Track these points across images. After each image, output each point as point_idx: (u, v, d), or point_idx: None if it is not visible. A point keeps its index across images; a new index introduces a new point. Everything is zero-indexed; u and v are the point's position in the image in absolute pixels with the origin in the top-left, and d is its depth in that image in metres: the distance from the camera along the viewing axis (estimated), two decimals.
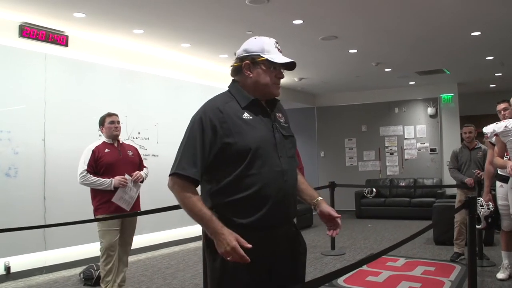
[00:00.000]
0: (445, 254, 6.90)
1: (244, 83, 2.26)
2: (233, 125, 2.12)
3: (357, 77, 11.08)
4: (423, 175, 12.21)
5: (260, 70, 2.22)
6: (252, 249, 2.03)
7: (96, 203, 4.86)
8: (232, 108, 2.17)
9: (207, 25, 6.84)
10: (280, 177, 2.15)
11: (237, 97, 2.22)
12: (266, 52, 2.22)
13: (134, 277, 6.02)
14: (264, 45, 2.25)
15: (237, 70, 2.28)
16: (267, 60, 2.21)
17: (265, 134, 2.17)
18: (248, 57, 2.24)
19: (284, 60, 2.23)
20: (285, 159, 2.21)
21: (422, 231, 3.44)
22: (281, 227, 2.21)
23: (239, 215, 2.10)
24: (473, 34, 7.57)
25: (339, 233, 2.43)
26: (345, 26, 7.10)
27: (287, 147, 2.25)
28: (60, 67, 6.73)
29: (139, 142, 7.49)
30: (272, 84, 2.25)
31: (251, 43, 2.27)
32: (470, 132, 6.63)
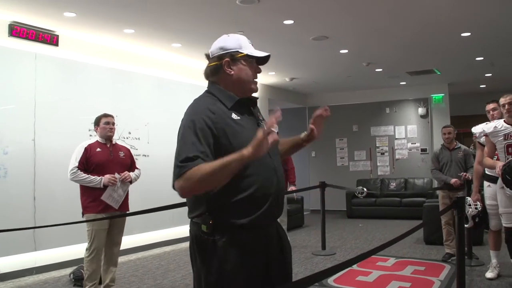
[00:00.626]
0: (435, 253, 6.93)
1: (225, 83, 2.21)
2: (226, 126, 2.07)
3: (348, 77, 11.11)
4: (414, 175, 12.26)
5: (241, 66, 2.20)
6: (250, 248, 2.06)
7: (85, 202, 4.91)
8: (220, 109, 2.12)
9: (197, 25, 6.83)
10: (274, 175, 2.15)
11: (221, 98, 2.17)
12: (244, 48, 2.21)
13: (125, 277, 6.00)
14: (240, 41, 2.23)
15: (216, 69, 2.22)
16: (247, 55, 2.20)
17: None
18: (226, 54, 2.19)
19: (262, 54, 2.24)
20: (274, 156, 2.21)
21: (412, 231, 3.45)
22: (272, 225, 2.22)
23: (238, 215, 2.06)
24: (463, 35, 7.62)
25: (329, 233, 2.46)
26: (336, 26, 7.12)
27: (275, 145, 2.17)
28: (50, 67, 6.70)
29: (129, 142, 7.47)
30: (252, 80, 2.23)
31: (227, 40, 2.24)
32: (450, 133, 6.70)
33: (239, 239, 2.06)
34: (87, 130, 6.87)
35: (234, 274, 2.05)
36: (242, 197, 2.05)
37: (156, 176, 7.85)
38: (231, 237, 2.06)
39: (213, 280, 2.08)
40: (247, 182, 2.06)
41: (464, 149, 6.62)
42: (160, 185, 8.09)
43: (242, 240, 2.06)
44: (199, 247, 2.12)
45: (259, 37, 7.48)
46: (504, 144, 5.00)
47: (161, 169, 8.23)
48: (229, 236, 2.06)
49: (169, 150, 8.66)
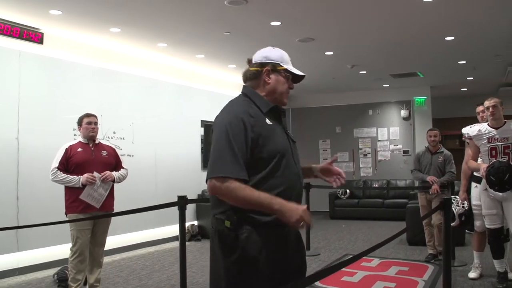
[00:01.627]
0: (418, 254, 7.01)
1: (261, 89, 2.36)
2: (262, 129, 2.20)
3: (332, 79, 11.17)
4: (396, 176, 12.36)
5: (279, 77, 2.35)
6: (270, 244, 2.18)
7: (67, 202, 4.90)
8: (257, 112, 2.25)
9: (184, 25, 6.82)
10: (298, 180, 2.31)
11: (257, 103, 2.30)
12: (284, 63, 2.36)
13: (109, 278, 5.96)
14: (283, 56, 2.39)
15: (256, 74, 2.37)
16: (286, 70, 2.34)
17: (284, 140, 2.31)
18: (269, 63, 2.34)
19: (300, 73, 2.40)
20: (297, 163, 2.36)
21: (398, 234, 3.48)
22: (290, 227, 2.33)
23: (263, 213, 2.15)
24: (447, 39, 7.72)
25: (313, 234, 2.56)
26: (322, 28, 7.16)
27: (296, 153, 2.39)
28: (35, 65, 6.63)
29: (114, 141, 7.42)
30: (286, 93, 2.39)
31: (271, 51, 2.39)
32: (435, 136, 6.74)
33: (261, 235, 2.17)
34: (71, 129, 6.81)
35: (254, 268, 2.17)
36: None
37: (140, 176, 7.82)
38: (253, 233, 2.17)
39: (234, 273, 2.18)
40: (275, 183, 2.19)
41: (445, 154, 6.66)
42: (145, 185, 8.09)
43: (264, 236, 2.18)
44: (222, 242, 2.21)
45: (246, 38, 7.50)
46: (488, 147, 5.08)
47: (146, 169, 8.22)
48: (252, 232, 2.17)
49: (153, 150, 8.64)
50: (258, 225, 2.17)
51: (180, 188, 8.37)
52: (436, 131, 6.77)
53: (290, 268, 2.30)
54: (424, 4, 6.07)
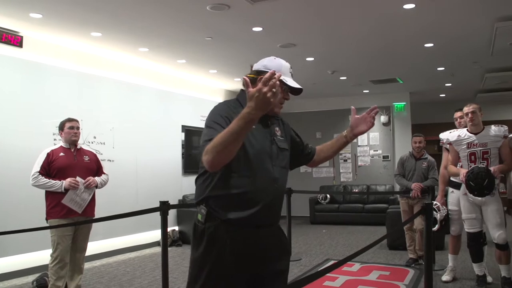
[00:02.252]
0: (399, 258, 7.07)
1: None
2: None
3: (313, 84, 11.21)
4: (376, 181, 12.46)
5: None
6: (234, 243, 2.24)
7: (48, 207, 4.87)
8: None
9: (166, 30, 6.80)
10: (271, 184, 2.34)
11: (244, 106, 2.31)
12: (282, 74, 2.36)
13: (90, 284, 5.90)
14: (282, 67, 2.43)
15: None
16: (281, 81, 2.37)
17: (264, 144, 2.36)
18: (265, 72, 2.32)
19: (295, 85, 2.44)
20: (278, 168, 2.40)
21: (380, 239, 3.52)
22: (266, 228, 2.37)
23: (227, 210, 2.25)
24: (426, 46, 7.81)
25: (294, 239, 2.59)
26: (303, 34, 7.20)
27: (281, 159, 2.44)
28: (13, 69, 6.54)
29: (94, 146, 7.35)
30: (278, 103, 2.42)
31: (270, 61, 2.46)
32: (420, 142, 6.76)
33: (228, 232, 2.25)
34: (51, 133, 6.75)
35: (217, 263, 2.24)
36: (233, 193, 2.25)
37: (120, 181, 7.76)
38: (218, 229, 2.26)
39: (198, 265, 2.30)
40: (240, 181, 2.25)
41: (429, 160, 6.71)
42: (125, 190, 8.03)
43: (231, 233, 2.25)
44: (193, 234, 2.35)
45: (228, 43, 7.51)
46: (467, 153, 5.16)
47: (126, 174, 8.16)
48: (217, 227, 2.26)
49: (134, 155, 8.59)
50: (224, 221, 2.25)
51: (161, 193, 8.33)
52: (421, 137, 6.79)
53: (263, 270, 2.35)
54: (405, 12, 6.14)
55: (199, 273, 2.29)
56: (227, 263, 2.23)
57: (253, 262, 2.31)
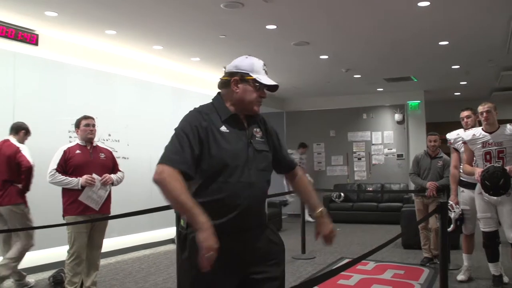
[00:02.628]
0: (413, 257, 7.03)
1: (229, 97, 2.43)
2: (211, 135, 2.29)
3: (327, 82, 11.20)
4: (390, 180, 12.40)
5: (247, 87, 2.39)
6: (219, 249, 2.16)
7: (64, 204, 4.91)
8: (213, 119, 2.34)
9: (180, 27, 6.82)
10: (247, 188, 2.30)
11: (219, 110, 2.40)
12: (255, 72, 2.40)
13: (105, 281, 5.94)
14: (254, 66, 2.42)
15: (225, 83, 2.45)
16: (255, 79, 2.38)
17: (239, 147, 2.34)
18: (237, 73, 2.41)
19: (269, 82, 2.42)
20: (254, 171, 2.36)
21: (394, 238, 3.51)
22: (247, 232, 2.34)
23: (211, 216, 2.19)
24: (441, 44, 7.76)
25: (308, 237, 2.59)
26: (317, 32, 7.18)
27: (259, 161, 2.40)
28: (29, 67, 6.60)
29: (109, 144, 7.38)
30: (255, 102, 2.42)
31: (242, 61, 2.45)
32: (435, 141, 6.69)
33: None
34: (66, 131, 6.80)
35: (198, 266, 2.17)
36: (210, 200, 2.26)
37: (135, 179, 7.78)
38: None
39: (184, 271, 2.35)
40: (216, 188, 2.27)
41: (444, 158, 6.63)
42: (139, 187, 8.05)
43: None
44: (178, 239, 2.43)
45: (242, 42, 7.51)
46: (482, 152, 5.12)
47: (141, 172, 8.17)
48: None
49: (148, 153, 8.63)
50: None
51: None
52: (436, 136, 6.72)
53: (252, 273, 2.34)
54: (419, 9, 6.10)
55: (186, 278, 2.31)
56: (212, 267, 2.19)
57: (238, 265, 2.30)
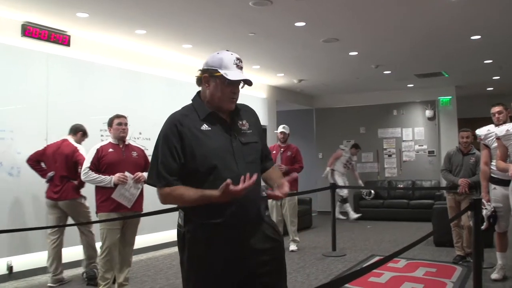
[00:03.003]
0: (445, 255, 6.94)
1: (204, 95, 2.46)
2: (192, 137, 2.32)
3: (356, 79, 11.12)
4: (421, 177, 12.25)
5: (216, 84, 2.39)
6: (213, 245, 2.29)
7: (97, 201, 5.00)
8: (192, 120, 2.37)
9: (209, 26, 6.86)
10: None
11: (197, 109, 2.43)
12: (223, 68, 2.37)
13: (137, 277, 6.03)
14: (223, 61, 2.39)
15: (198, 81, 2.48)
16: (222, 76, 2.36)
17: (222, 143, 2.36)
18: (207, 70, 2.41)
19: (236, 78, 2.37)
20: (243, 164, 2.36)
21: (427, 236, 3.46)
22: (244, 226, 2.36)
23: (202, 215, 2.30)
24: (473, 38, 7.62)
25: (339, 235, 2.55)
26: (346, 28, 7.14)
27: (246, 153, 2.41)
28: (62, 67, 6.73)
29: (140, 142, 7.44)
30: (226, 98, 2.41)
31: (212, 58, 2.43)
32: (468, 137, 6.54)
33: (204, 235, 2.31)
34: (98, 130, 6.90)
35: (201, 266, 2.30)
36: None
37: None
38: (196, 232, 2.32)
39: (185, 268, 2.37)
40: (209, 187, 2.26)
41: (477, 155, 6.49)
42: None
43: (206, 236, 2.31)
44: (177, 237, 2.42)
45: (271, 39, 7.52)
46: None
47: None
48: (195, 231, 2.33)
49: None
50: (200, 225, 2.31)
51: None
52: (469, 132, 6.57)
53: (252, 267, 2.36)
54: (450, 3, 6.01)
55: (188, 276, 2.34)
56: (211, 264, 2.26)
57: (238, 260, 2.32)
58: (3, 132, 5.94)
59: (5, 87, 6.03)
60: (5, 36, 6.10)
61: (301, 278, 5.82)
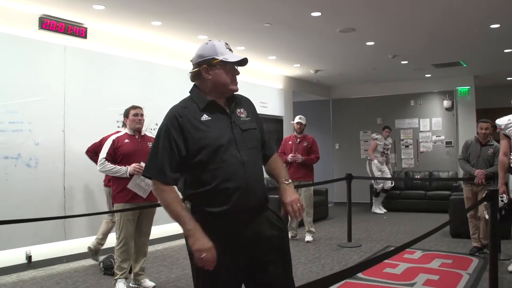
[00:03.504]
0: (462, 247, 6.90)
1: (205, 86, 2.48)
2: (192, 128, 2.35)
3: (373, 69, 11.05)
4: (439, 168, 12.16)
5: (217, 71, 2.44)
6: (221, 233, 2.30)
7: (114, 191, 5.06)
8: (191, 111, 2.41)
9: (225, 16, 6.85)
10: (241, 169, 2.35)
11: (196, 101, 2.46)
12: (219, 54, 2.43)
13: (153, 267, 6.09)
14: (216, 48, 2.45)
15: (196, 75, 2.50)
16: (222, 61, 2.42)
17: (223, 131, 2.40)
18: (204, 61, 2.45)
19: (236, 59, 2.45)
20: (245, 151, 2.41)
21: (442, 226, 3.45)
22: (248, 214, 2.38)
23: (208, 204, 2.33)
24: (492, 27, 7.51)
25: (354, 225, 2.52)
26: (363, 18, 7.08)
27: (247, 140, 2.45)
28: (79, 59, 6.78)
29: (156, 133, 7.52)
30: (231, 82, 2.47)
31: (204, 48, 2.47)
32: (487, 129, 6.45)
33: (212, 224, 2.31)
34: (115, 121, 6.96)
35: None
36: (208, 189, 2.33)
37: None
38: (204, 221, 2.31)
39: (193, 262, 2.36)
40: (210, 176, 2.33)
41: (495, 146, 6.41)
42: None
43: (214, 225, 2.31)
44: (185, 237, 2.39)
45: (287, 29, 7.50)
46: None
47: None
48: (203, 220, 2.31)
49: None
50: (208, 214, 2.32)
51: None
52: (488, 124, 6.48)
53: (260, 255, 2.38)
54: None
55: (197, 267, 2.33)
56: (220, 253, 2.27)
57: (246, 249, 2.35)
58: (21, 124, 6.01)
59: (23, 80, 6.10)
60: (22, 29, 6.16)
61: (316, 269, 5.82)
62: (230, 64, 2.44)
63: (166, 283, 5.36)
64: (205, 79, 2.45)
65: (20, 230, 5.67)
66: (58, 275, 5.81)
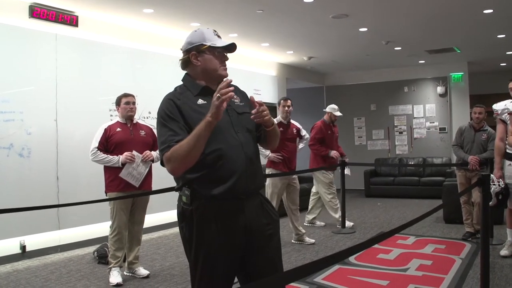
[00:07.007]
0: (455, 232, 6.93)
1: (195, 73, 2.51)
2: (190, 111, 2.37)
3: (367, 55, 11.02)
4: (432, 154, 12.19)
5: (206, 56, 2.46)
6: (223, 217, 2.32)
7: (106, 181, 5.04)
8: (187, 97, 2.43)
9: (217, 3, 6.80)
10: (240, 150, 2.37)
11: (189, 87, 2.48)
12: (208, 40, 2.45)
13: (147, 255, 6.09)
14: (205, 35, 2.47)
15: (186, 62, 2.52)
16: (210, 46, 2.44)
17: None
18: (193, 48, 2.47)
19: (224, 44, 2.46)
20: (242, 133, 2.43)
21: (433, 211, 3.46)
22: (249, 197, 2.41)
23: (209, 188, 2.31)
24: (485, 12, 7.49)
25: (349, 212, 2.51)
26: (356, 4, 7.04)
27: (244, 122, 2.47)
28: (70, 48, 6.73)
29: (149, 122, 7.46)
30: (220, 67, 2.49)
31: (193, 36, 2.50)
32: (480, 113, 6.49)
33: (213, 209, 2.32)
34: (107, 110, 6.93)
35: (210, 242, 2.31)
36: (208, 172, 2.31)
37: None
38: (205, 207, 2.33)
39: (193, 247, 2.35)
40: (210, 159, 2.31)
41: (489, 131, 6.43)
42: None
43: (215, 210, 2.32)
44: (181, 216, 2.41)
45: (279, 16, 7.46)
46: None
47: None
48: (204, 206, 2.33)
49: None
50: (208, 199, 2.31)
51: None
52: (482, 108, 6.52)
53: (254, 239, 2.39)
54: None
55: (196, 255, 2.34)
56: (220, 240, 2.29)
57: (244, 235, 2.36)
58: (13, 114, 5.98)
59: (14, 69, 6.05)
60: (13, 18, 6.10)
61: (310, 255, 5.85)
62: (219, 50, 2.45)
63: (161, 271, 5.36)
64: (195, 65, 2.47)
65: (14, 220, 5.67)
66: (53, 264, 5.80)
